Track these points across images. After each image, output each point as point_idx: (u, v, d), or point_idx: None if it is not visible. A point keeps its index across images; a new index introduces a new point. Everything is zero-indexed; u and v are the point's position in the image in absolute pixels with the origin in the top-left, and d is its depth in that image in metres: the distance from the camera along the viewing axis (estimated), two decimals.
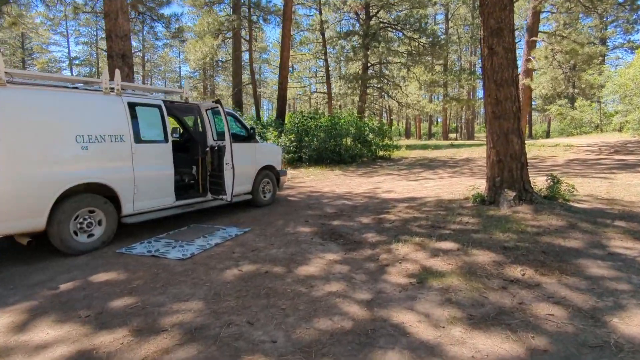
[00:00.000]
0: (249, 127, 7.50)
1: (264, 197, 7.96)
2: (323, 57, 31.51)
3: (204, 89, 45.12)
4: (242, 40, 21.12)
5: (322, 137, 16.66)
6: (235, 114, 7.48)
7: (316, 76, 35.85)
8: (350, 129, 18.41)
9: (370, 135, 18.51)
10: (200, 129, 6.86)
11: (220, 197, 6.28)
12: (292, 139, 15.59)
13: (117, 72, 5.38)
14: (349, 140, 18.21)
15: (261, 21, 20.45)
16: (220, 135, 7.06)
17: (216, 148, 6.37)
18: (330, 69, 33.79)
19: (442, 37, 34.79)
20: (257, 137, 7.73)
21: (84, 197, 4.79)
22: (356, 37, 29.95)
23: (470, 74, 40.23)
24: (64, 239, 4.58)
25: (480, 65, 6.89)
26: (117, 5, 9.80)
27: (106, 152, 5.00)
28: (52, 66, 46.14)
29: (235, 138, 7.53)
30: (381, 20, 30.70)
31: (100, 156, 4.93)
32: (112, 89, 5.27)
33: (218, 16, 19.12)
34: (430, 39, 29.63)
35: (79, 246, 4.74)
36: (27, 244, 4.40)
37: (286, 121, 19.17)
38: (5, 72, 4.26)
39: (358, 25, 30.21)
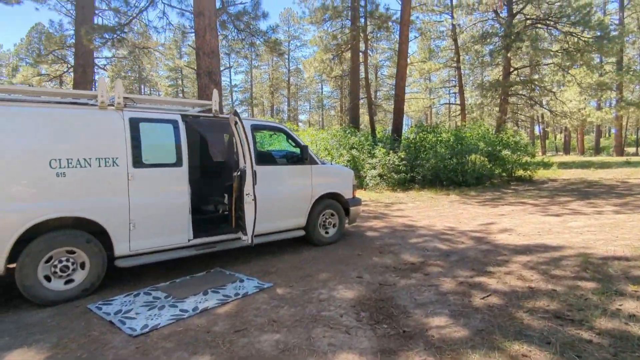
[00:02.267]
0: (303, 144, 5.95)
1: (326, 233, 6.26)
2: (455, 64, 28.25)
3: (320, 105, 45.85)
4: (361, 52, 19.98)
5: (441, 154, 14.11)
6: (286, 128, 6.04)
7: (448, 86, 32.51)
8: (480, 144, 15.30)
9: (505, 152, 15.01)
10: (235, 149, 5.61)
11: (241, 237, 4.84)
12: (402, 156, 13.47)
13: (118, 82, 4.50)
14: (476, 158, 15.12)
15: (377, 31, 18.96)
16: (263, 157, 5.70)
17: (239, 174, 4.99)
18: (462, 77, 30.19)
19: (614, 28, 27.77)
20: (315, 157, 6.14)
21: (59, 235, 3.92)
22: (495, 38, 25.97)
23: None
24: (27, 286, 3.75)
25: None
26: (205, 23, 9.58)
27: (91, 178, 4.08)
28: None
29: (286, 159, 6.08)
30: (527, 16, 26.03)
31: (81, 184, 4.02)
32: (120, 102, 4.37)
33: (332, 31, 18.42)
34: (598, 33, 23.71)
35: (49, 295, 3.86)
36: None
37: (403, 137, 17.09)
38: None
39: (498, 25, 26.18)
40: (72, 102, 4.38)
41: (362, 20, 19.15)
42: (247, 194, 4.56)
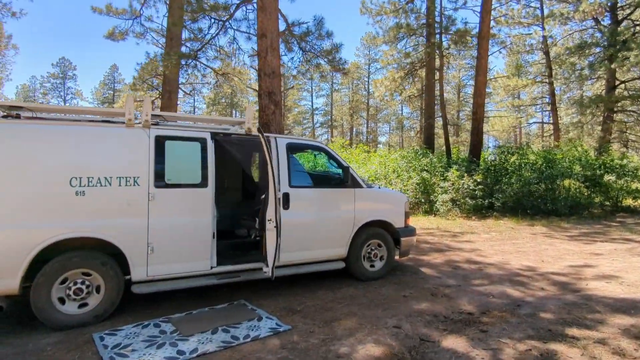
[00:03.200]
0: (345, 165, 5.33)
1: (371, 266, 5.50)
2: (546, 80, 25.48)
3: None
4: (437, 70, 18.92)
5: (526, 178, 12.42)
6: (327, 147, 5.48)
7: (538, 104, 29.41)
8: (574, 167, 13.23)
9: (608, 177, 12.72)
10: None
11: (262, 268, 4.31)
12: (479, 180, 12.08)
13: (147, 99, 4.36)
14: (570, 184, 13.06)
15: (454, 47, 17.71)
16: (300, 178, 5.20)
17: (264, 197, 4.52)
18: (556, 94, 27.12)
19: None
20: (359, 179, 5.45)
21: (74, 256, 3.78)
22: (595, 49, 22.97)
23: None
24: (39, 308, 3.64)
25: None
26: (267, 44, 9.58)
27: (110, 198, 3.92)
28: (300, 117, 55.55)
29: (327, 182, 5.51)
30: (637, 22, 22.68)
31: (100, 203, 3.88)
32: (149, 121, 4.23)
33: (405, 50, 17.66)
34: None
35: (61, 318, 3.72)
36: None
37: (482, 159, 15.54)
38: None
39: (599, 34, 23.18)
40: (104, 120, 4.34)
41: (438, 36, 18.16)
42: (268, 220, 4.06)
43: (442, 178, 12.85)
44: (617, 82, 23.26)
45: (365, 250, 5.49)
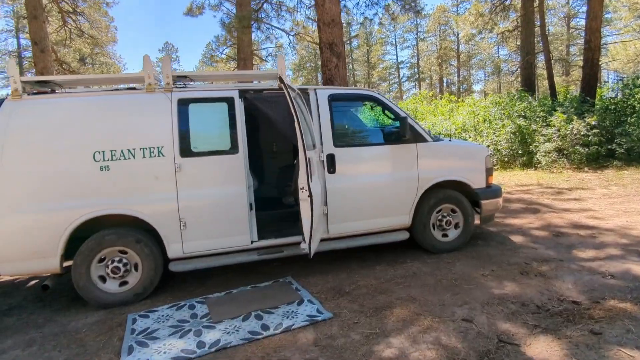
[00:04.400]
0: (403, 115, 4.32)
1: (444, 236, 4.57)
2: None
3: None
4: None
5: None
6: (379, 96, 4.48)
7: None
8: None
9: None
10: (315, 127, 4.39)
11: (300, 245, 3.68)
12: (593, 123, 9.84)
13: (166, 59, 3.88)
14: None
15: None
16: (346, 135, 4.40)
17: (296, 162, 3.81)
18: None
19: None
20: (423, 131, 4.41)
21: (108, 234, 3.60)
22: None
23: None
24: (81, 287, 3.56)
25: None
26: None
27: (135, 171, 3.62)
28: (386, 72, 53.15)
29: (382, 137, 4.59)
30: None
31: (125, 178, 3.60)
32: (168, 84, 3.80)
33: None
34: None
35: (103, 297, 3.62)
36: (41, 288, 3.63)
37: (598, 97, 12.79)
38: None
39: None
40: (129, 87, 4.02)
41: None
42: (301, 189, 3.40)
43: (544, 124, 10.79)
44: None
45: (436, 218, 4.56)
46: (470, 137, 11.87)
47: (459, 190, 4.64)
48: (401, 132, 4.25)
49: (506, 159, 10.89)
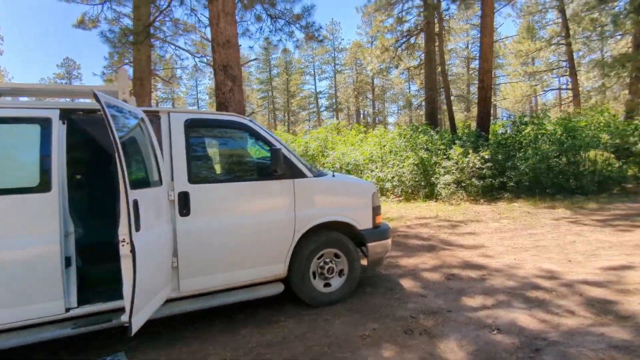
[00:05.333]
0: (275, 147, 3.70)
1: (326, 285, 3.95)
2: (562, 42, 23.05)
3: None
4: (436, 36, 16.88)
5: (544, 151, 10.57)
6: (250, 123, 3.80)
7: (555, 68, 26.89)
8: (601, 136, 11.30)
9: None
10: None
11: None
12: (486, 157, 10.31)
13: None
14: (597, 155, 11.18)
15: (452, 9, 15.56)
16: (206, 170, 3.64)
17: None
18: (577, 56, 24.64)
19: None
20: (303, 165, 3.85)
21: None
22: (618, 1, 20.47)
23: None
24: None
25: None
26: (218, 8, 7.92)
27: None
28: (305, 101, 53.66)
29: (247, 172, 3.92)
30: None
31: None
32: None
33: (397, 14, 15.60)
34: None
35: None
36: None
37: (491, 132, 13.70)
38: None
39: None
40: None
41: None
42: (121, 241, 2.53)
43: (444, 157, 11.11)
44: None
45: (317, 265, 3.92)
46: (377, 168, 11.83)
47: (343, 232, 4.09)
48: (274, 167, 3.58)
49: (410, 190, 10.94)
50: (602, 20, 21.69)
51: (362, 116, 49.45)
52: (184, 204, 3.30)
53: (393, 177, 11.01)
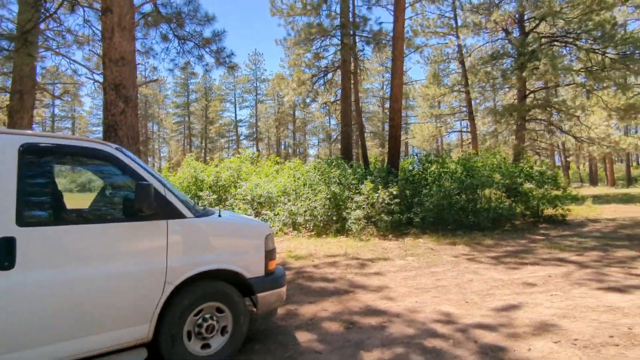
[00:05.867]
0: (143, 182, 3.11)
1: (204, 347, 3.34)
2: (463, 89, 25.65)
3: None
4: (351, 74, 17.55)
5: (447, 188, 11.14)
6: (112, 151, 3.15)
7: (457, 112, 29.82)
8: (495, 175, 12.32)
9: (526, 185, 11.96)
10: None
11: None
12: (394, 193, 10.55)
13: None
14: (492, 193, 12.11)
15: (368, 47, 16.53)
16: (41, 210, 2.92)
17: None
18: (473, 103, 27.50)
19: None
20: (179, 203, 3.31)
21: None
22: (507, 59, 23.47)
23: None
24: None
25: None
26: (113, 21, 7.16)
27: None
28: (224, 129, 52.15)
29: (104, 211, 3.29)
30: (542, 34, 23.60)
31: None
32: None
33: (315, 50, 16.06)
34: (623, 50, 21.04)
35: None
36: None
37: (401, 169, 14.24)
38: None
39: (509, 44, 23.75)
40: None
41: (353, 38, 16.85)
42: None
43: (356, 191, 11.16)
44: (527, 92, 23.92)
45: (194, 323, 3.30)
46: (290, 201, 11.49)
47: (229, 281, 3.55)
48: (140, 205, 2.96)
49: (322, 224, 10.72)
50: (494, 74, 24.54)
51: (282, 147, 49.63)
52: (6, 253, 2.53)
53: (305, 211, 10.73)
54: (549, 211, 11.91)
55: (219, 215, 3.68)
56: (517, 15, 22.75)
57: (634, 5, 30.25)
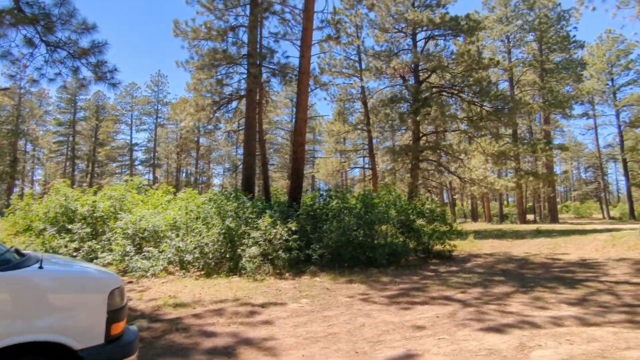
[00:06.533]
0: None
1: None
2: (365, 128, 27.08)
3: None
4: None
5: (346, 224, 11.07)
6: None
7: (359, 149, 31.36)
8: (391, 211, 12.70)
9: (419, 221, 12.54)
10: None
11: None
12: (293, 228, 10.13)
13: None
14: (388, 229, 12.41)
15: (274, 79, 16.54)
16: None
17: None
18: (375, 142, 29.15)
19: (508, 101, 29.37)
20: None
21: None
22: (403, 103, 25.46)
23: (547, 144, 33.72)
24: None
25: None
26: None
27: None
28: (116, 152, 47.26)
29: None
30: (433, 84, 26.23)
31: None
32: None
33: (218, 76, 15.48)
34: (496, 105, 24.31)
35: None
36: None
37: (303, 203, 13.99)
38: None
39: (405, 90, 25.88)
40: None
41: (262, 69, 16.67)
42: None
43: (254, 227, 10.49)
44: (421, 134, 26.08)
45: None
46: (178, 236, 10.33)
47: (53, 354, 2.65)
48: None
49: (213, 263, 9.77)
50: (392, 116, 26.38)
51: (184, 175, 46.79)
52: None
53: (195, 248, 9.69)
54: (438, 247, 12.57)
55: (40, 267, 2.78)
56: (412, 65, 25.00)
57: (502, 68, 35.53)
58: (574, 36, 36.05)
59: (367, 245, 11.14)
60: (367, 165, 35.42)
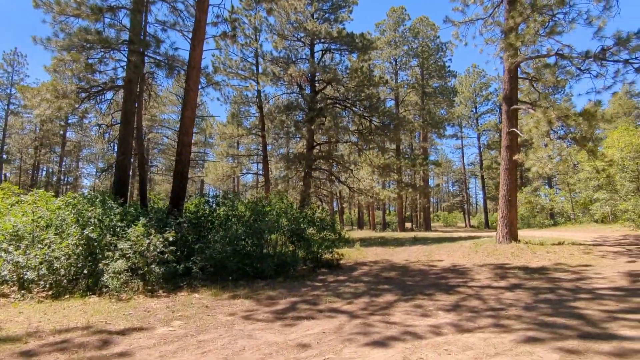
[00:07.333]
0: None
1: None
2: (260, 133, 26.43)
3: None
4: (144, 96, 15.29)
5: (234, 233, 10.25)
6: None
7: (253, 154, 30.57)
8: (282, 220, 12.25)
9: (309, 230, 12.35)
10: None
11: None
12: (171, 239, 8.97)
13: None
14: (278, 239, 11.93)
15: (158, 70, 14.95)
16: None
17: None
18: (270, 148, 28.67)
19: (394, 118, 31.70)
20: None
21: None
22: (299, 111, 25.54)
23: (424, 159, 37.23)
24: None
25: None
26: None
27: None
28: None
29: None
30: (328, 96, 26.87)
31: None
32: None
33: (89, 61, 13.31)
34: (383, 120, 25.90)
35: None
36: None
37: (186, 211, 12.72)
38: None
39: (301, 98, 26.02)
40: None
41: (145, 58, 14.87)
42: None
43: (123, 236, 9.03)
44: (315, 144, 26.43)
45: None
46: (19, 249, 8.32)
47: None
48: None
49: (66, 281, 8.08)
50: (288, 123, 26.24)
51: (43, 173, 40.00)
52: None
53: (41, 263, 7.89)
54: (327, 256, 12.51)
55: None
56: (309, 75, 25.27)
57: (390, 87, 38.33)
58: (449, 66, 40.99)
59: (255, 256, 10.48)
60: (260, 172, 34.71)
